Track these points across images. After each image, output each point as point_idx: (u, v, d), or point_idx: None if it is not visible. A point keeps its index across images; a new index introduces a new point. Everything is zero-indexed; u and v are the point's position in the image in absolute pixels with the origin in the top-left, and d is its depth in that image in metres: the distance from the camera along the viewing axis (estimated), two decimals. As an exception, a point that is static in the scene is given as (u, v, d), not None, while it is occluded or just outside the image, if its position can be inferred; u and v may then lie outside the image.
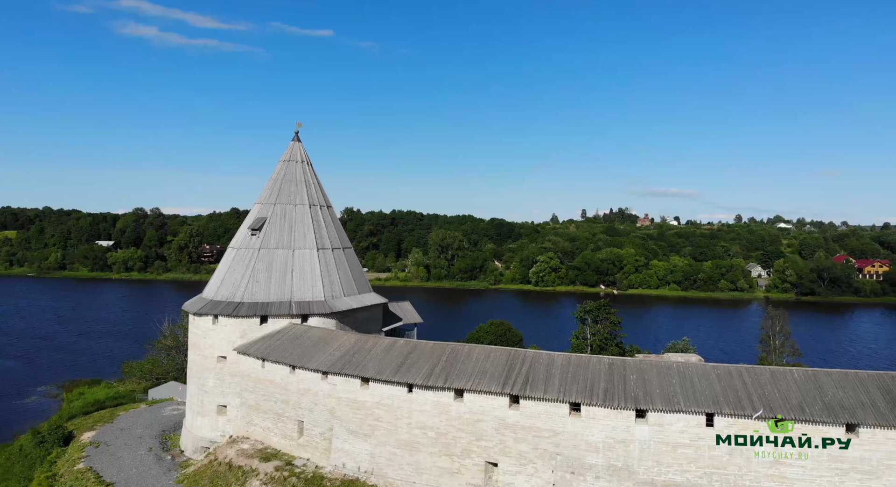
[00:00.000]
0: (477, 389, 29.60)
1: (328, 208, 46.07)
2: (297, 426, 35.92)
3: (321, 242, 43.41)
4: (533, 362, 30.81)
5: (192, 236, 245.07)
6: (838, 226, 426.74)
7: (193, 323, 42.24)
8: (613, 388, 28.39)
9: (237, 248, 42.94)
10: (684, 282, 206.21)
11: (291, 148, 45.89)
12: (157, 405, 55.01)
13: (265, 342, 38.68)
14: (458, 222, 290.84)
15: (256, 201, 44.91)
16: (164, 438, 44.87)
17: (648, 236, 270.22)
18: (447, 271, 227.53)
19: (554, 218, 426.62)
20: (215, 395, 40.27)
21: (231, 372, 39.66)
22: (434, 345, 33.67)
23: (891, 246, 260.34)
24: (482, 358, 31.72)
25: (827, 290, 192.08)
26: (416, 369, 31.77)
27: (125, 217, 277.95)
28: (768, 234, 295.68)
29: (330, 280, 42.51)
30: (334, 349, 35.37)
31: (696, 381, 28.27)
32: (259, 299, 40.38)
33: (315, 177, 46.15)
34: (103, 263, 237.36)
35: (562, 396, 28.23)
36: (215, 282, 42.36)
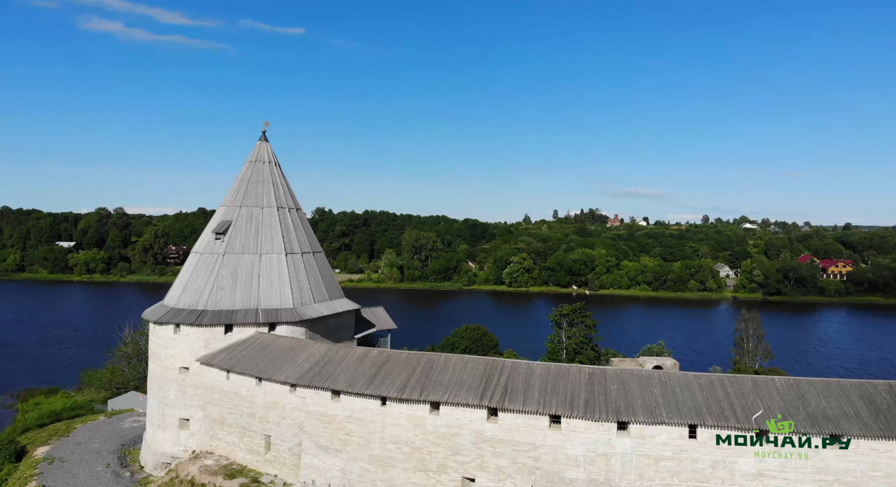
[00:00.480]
0: (454, 401, 28.39)
1: (297, 210, 44.31)
2: (264, 440, 34.20)
3: (289, 246, 41.66)
4: (511, 372, 29.72)
5: (157, 236, 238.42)
6: (801, 226, 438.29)
7: (154, 332, 40.10)
8: (594, 399, 27.49)
9: (200, 253, 40.90)
10: (654, 282, 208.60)
11: (258, 148, 43.98)
12: (116, 417, 52.42)
13: (230, 352, 36.82)
14: (432, 223, 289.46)
15: (221, 204, 42.91)
16: (122, 453, 42.56)
17: (619, 237, 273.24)
18: (421, 272, 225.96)
19: (526, 218, 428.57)
20: (177, 408, 38.21)
21: (194, 384, 37.68)
22: (409, 355, 32.36)
23: (853, 246, 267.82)
24: (459, 369, 30.51)
25: (793, 290, 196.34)
26: (389, 380, 30.40)
27: (87, 217, 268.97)
28: (735, 234, 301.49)
29: (299, 286, 40.80)
30: (303, 359, 33.75)
31: (678, 391, 27.54)
32: (224, 307, 38.46)
33: (283, 178, 44.33)
34: (64, 264, 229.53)
35: (541, 408, 27.22)
36: (177, 289, 40.29)
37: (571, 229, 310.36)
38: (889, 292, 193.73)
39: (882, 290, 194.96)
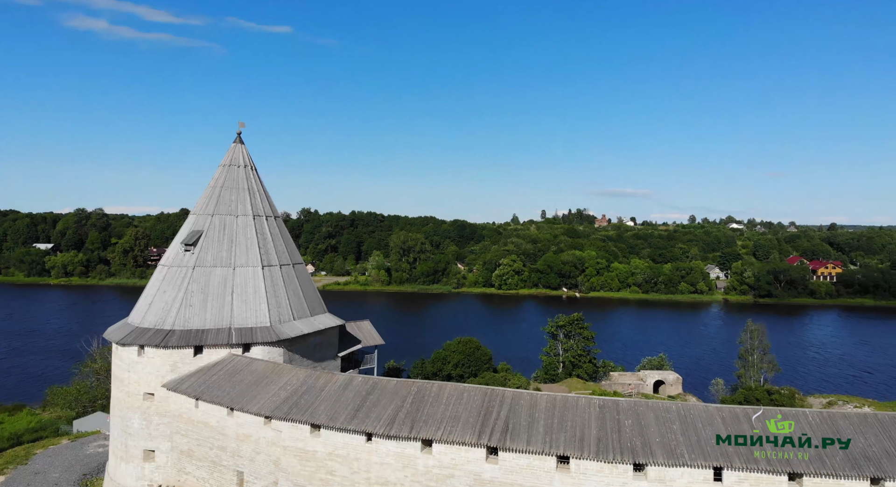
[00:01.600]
0: (448, 439, 25.15)
1: (275, 218, 40.82)
2: (236, 477, 30.74)
3: (267, 258, 38.19)
4: (513, 404, 26.56)
5: (137, 238, 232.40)
6: (787, 226, 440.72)
7: (116, 354, 36.42)
8: (607, 436, 24.41)
9: (168, 266, 37.29)
10: (645, 284, 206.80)
11: (233, 150, 40.41)
12: (80, 441, 48.60)
13: (199, 377, 33.29)
14: (420, 224, 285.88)
15: (192, 212, 39.33)
16: (83, 484, 38.86)
17: (608, 238, 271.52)
18: (409, 274, 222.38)
19: (515, 219, 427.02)
20: (141, 438, 34.57)
21: (159, 412, 34.09)
22: (398, 383, 29.08)
23: (840, 247, 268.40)
24: (454, 400, 27.29)
25: (784, 292, 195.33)
26: (376, 413, 27.11)
27: (66, 218, 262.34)
28: (723, 235, 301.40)
29: (277, 302, 37.35)
30: (279, 387, 30.35)
31: (699, 427, 24.56)
32: (193, 326, 34.91)
33: (260, 183, 40.82)
34: (41, 267, 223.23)
35: (548, 447, 24.08)
36: (142, 306, 36.66)
37: (560, 229, 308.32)
38: (879, 294, 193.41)
39: (872, 292, 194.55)
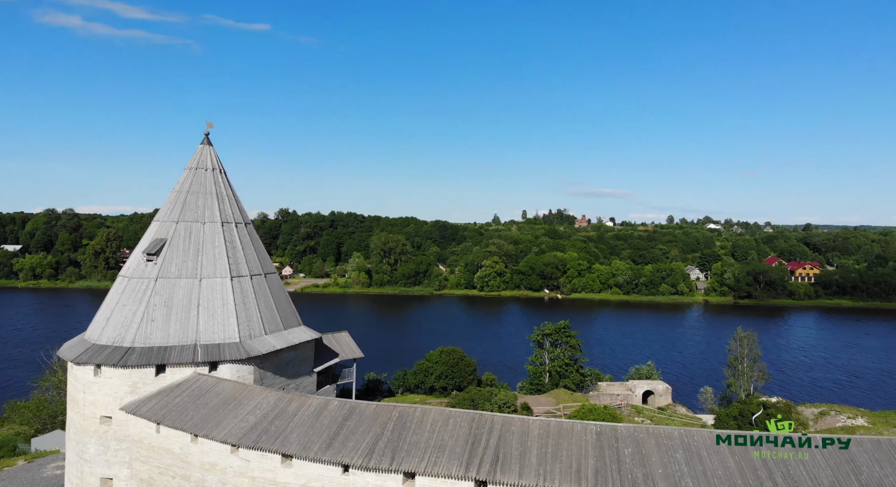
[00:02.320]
0: (433, 472, 22.93)
1: (246, 225, 38.19)
2: (200, 509, 28.15)
3: (236, 268, 35.58)
4: (503, 431, 24.43)
5: (109, 239, 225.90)
6: (763, 226, 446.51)
7: (72, 373, 33.53)
8: (605, 467, 22.40)
9: (129, 277, 34.48)
10: (626, 286, 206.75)
11: (200, 153, 37.67)
12: (38, 461, 45.36)
13: (161, 398, 30.63)
14: (402, 224, 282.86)
15: (154, 219, 36.53)
16: (37, 513, 35.89)
17: (588, 239, 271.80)
18: (390, 276, 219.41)
19: (496, 219, 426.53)
20: (98, 465, 31.80)
21: (118, 437, 31.35)
22: (377, 408, 26.77)
23: (817, 247, 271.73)
24: (439, 426, 25.08)
25: (763, 293, 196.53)
26: (353, 442, 24.79)
27: (36, 218, 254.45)
28: (702, 236, 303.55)
29: (247, 316, 34.78)
30: (248, 411, 27.85)
31: (704, 456, 22.67)
32: (155, 343, 32.22)
33: (229, 187, 38.15)
34: (8, 269, 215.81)
35: (542, 481, 21.99)
36: (100, 320, 33.84)
37: (541, 230, 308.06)
38: (857, 294, 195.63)
39: (850, 293, 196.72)
